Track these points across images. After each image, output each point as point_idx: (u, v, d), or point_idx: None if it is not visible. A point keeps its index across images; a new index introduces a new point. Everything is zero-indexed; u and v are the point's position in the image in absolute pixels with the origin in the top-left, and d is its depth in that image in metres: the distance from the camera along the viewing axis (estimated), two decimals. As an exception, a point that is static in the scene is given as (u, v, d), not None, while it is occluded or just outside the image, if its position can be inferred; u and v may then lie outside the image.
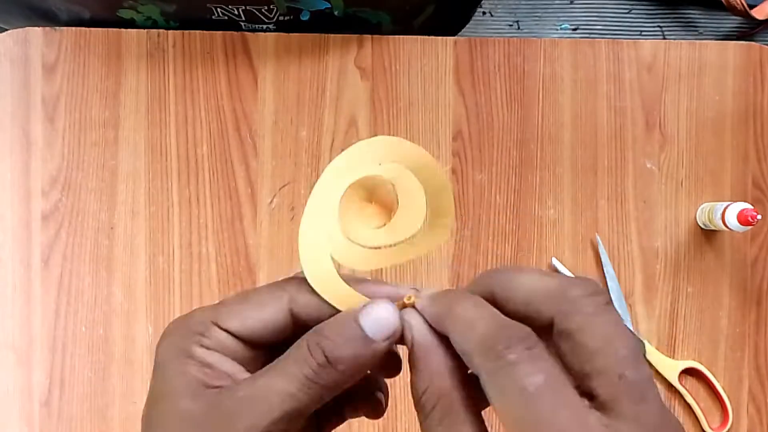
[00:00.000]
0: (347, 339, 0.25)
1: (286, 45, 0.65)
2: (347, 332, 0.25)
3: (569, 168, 0.65)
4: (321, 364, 0.25)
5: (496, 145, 0.65)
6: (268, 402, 0.25)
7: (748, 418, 0.64)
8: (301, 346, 0.26)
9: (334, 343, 0.25)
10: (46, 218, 0.63)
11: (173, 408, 0.26)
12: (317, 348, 0.25)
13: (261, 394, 0.25)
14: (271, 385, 0.25)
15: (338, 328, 0.26)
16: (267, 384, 0.25)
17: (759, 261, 0.65)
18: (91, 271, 0.63)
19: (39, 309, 0.63)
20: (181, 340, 0.28)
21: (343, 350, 0.25)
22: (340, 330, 0.26)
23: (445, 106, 0.65)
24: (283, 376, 0.25)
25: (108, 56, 0.64)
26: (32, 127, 0.64)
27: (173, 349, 0.27)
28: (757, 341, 0.64)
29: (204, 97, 0.64)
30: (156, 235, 0.63)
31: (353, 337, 0.25)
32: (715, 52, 0.66)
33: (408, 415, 0.63)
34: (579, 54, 0.65)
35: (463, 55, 0.65)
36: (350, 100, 0.64)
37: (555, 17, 0.81)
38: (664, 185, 0.65)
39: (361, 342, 0.25)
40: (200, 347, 0.27)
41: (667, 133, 0.65)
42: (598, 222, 0.64)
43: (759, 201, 0.65)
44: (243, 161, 0.64)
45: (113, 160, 0.64)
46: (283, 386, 0.25)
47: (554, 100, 0.65)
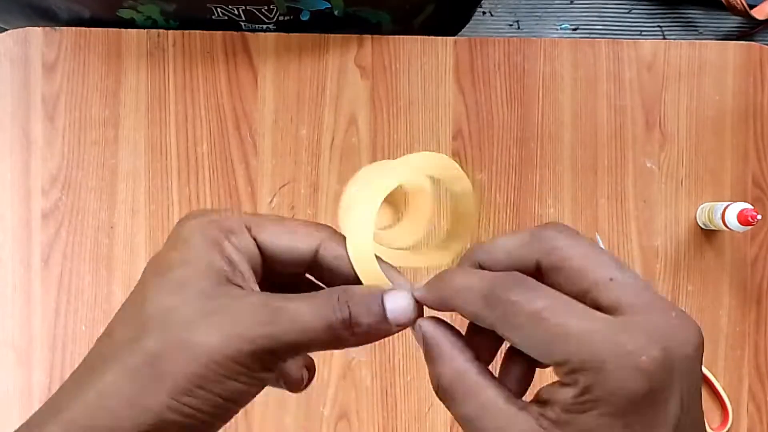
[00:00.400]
0: (370, 311, 0.27)
1: (286, 45, 0.65)
2: (373, 306, 0.27)
3: (569, 167, 0.65)
4: (343, 320, 0.27)
5: (496, 144, 0.65)
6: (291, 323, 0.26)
7: (748, 417, 0.64)
8: (331, 296, 0.27)
9: (359, 310, 0.27)
10: (46, 217, 0.63)
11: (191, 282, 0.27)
12: (345, 305, 0.27)
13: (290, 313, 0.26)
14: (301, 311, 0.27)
15: (366, 299, 0.27)
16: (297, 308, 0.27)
17: (759, 260, 0.65)
18: (91, 270, 0.63)
19: (39, 308, 0.63)
20: (210, 228, 0.28)
21: (364, 318, 0.27)
22: (367, 301, 0.27)
23: (445, 105, 0.65)
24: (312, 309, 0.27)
25: (108, 56, 0.64)
26: (32, 126, 0.64)
27: (201, 233, 0.28)
28: (757, 340, 0.64)
29: (204, 96, 0.64)
30: (156, 233, 0.63)
31: (376, 313, 0.27)
32: (715, 52, 0.66)
33: (407, 414, 0.63)
34: (579, 53, 0.65)
35: (463, 55, 0.65)
36: (350, 99, 0.65)
37: (555, 17, 0.81)
38: (664, 185, 0.65)
39: (380, 319, 0.27)
40: (229, 243, 0.28)
41: (667, 133, 0.65)
42: (598, 221, 0.64)
43: (759, 201, 0.65)
44: (243, 160, 0.64)
45: (113, 159, 0.64)
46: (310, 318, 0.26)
47: (554, 99, 0.65)
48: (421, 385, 0.63)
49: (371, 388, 0.63)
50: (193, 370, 0.25)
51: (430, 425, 0.63)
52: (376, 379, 0.63)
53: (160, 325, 0.26)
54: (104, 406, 0.25)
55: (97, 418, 0.25)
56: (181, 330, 0.26)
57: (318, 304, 0.27)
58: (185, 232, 0.28)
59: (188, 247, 0.28)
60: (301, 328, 0.26)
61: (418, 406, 0.63)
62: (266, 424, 0.62)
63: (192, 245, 0.28)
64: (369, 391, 0.63)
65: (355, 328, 0.27)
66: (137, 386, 0.25)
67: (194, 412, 0.25)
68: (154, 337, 0.26)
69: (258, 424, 0.62)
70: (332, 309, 0.27)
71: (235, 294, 0.27)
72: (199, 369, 0.25)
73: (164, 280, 0.27)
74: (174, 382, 0.25)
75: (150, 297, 0.27)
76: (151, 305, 0.27)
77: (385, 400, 0.63)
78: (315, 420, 0.62)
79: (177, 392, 0.25)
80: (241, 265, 0.28)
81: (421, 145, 0.64)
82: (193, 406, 0.25)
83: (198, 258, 0.27)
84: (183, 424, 0.25)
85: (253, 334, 0.26)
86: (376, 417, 0.63)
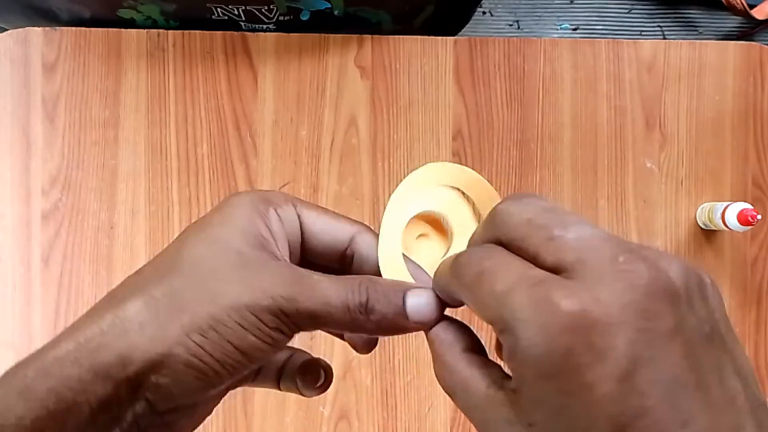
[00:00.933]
0: (389, 302, 0.28)
1: (286, 45, 0.65)
2: (393, 298, 0.28)
3: (569, 167, 0.65)
4: (360, 303, 0.27)
5: (496, 145, 0.65)
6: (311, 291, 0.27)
7: (748, 417, 0.64)
8: (355, 279, 0.28)
9: (378, 297, 0.28)
10: (46, 217, 0.63)
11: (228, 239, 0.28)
12: (365, 290, 0.28)
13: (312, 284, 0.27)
14: (323, 285, 0.28)
15: (388, 290, 0.28)
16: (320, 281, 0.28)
17: (759, 261, 0.65)
18: (91, 271, 0.63)
19: (39, 308, 0.63)
20: (257, 198, 0.30)
21: (381, 307, 0.28)
22: (388, 293, 0.28)
23: (444, 105, 0.65)
24: (333, 286, 0.28)
25: (108, 56, 0.64)
26: (32, 126, 0.64)
27: (248, 201, 0.29)
28: (757, 341, 0.64)
29: (204, 97, 0.64)
30: (156, 234, 0.63)
31: (395, 305, 0.28)
32: (715, 52, 0.66)
33: (408, 414, 0.63)
34: (579, 54, 0.65)
35: (463, 55, 0.65)
36: (350, 99, 0.65)
37: (555, 17, 0.81)
38: (664, 185, 0.65)
39: (397, 311, 0.28)
40: (274, 213, 0.29)
41: (667, 133, 0.65)
42: (598, 221, 0.64)
43: (759, 201, 0.65)
44: (243, 160, 0.64)
45: (113, 160, 0.64)
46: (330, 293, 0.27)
47: (554, 99, 0.65)
48: (421, 385, 0.63)
49: (371, 388, 0.63)
50: (209, 311, 0.26)
51: (430, 425, 0.63)
52: (376, 380, 0.63)
53: (189, 268, 0.27)
54: (118, 329, 0.26)
55: (110, 338, 0.25)
56: (207, 275, 0.27)
57: (340, 284, 0.28)
58: (232, 200, 0.30)
59: (232, 211, 0.29)
60: (320, 299, 0.27)
61: (418, 406, 0.63)
62: (266, 424, 0.62)
63: (236, 210, 0.29)
64: (369, 391, 0.63)
65: (371, 314, 0.28)
66: (153, 315, 0.26)
67: (202, 353, 0.26)
68: (180, 277, 0.27)
69: (258, 424, 0.62)
70: (351, 289, 0.28)
71: (266, 258, 0.28)
72: (216, 311, 0.26)
73: (202, 234, 0.28)
74: (189, 319, 0.26)
75: (185, 246, 0.28)
76: (184, 252, 0.28)
77: (385, 401, 0.63)
78: (315, 420, 0.62)
79: (190, 328, 0.26)
80: (280, 237, 0.29)
81: (421, 146, 0.64)
82: (203, 345, 0.26)
83: (239, 220, 0.29)
84: (190, 362, 0.26)
85: (273, 292, 0.27)
86: (376, 417, 0.63)
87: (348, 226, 0.31)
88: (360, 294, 0.28)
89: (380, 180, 0.64)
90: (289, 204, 0.30)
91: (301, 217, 0.30)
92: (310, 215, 0.31)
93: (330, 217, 0.31)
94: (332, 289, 0.27)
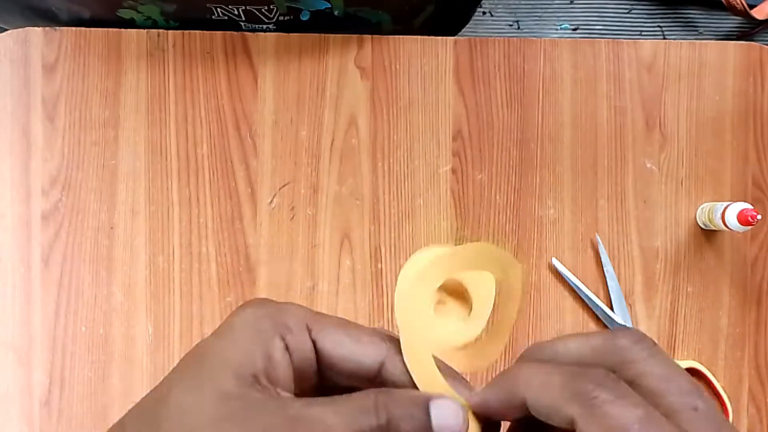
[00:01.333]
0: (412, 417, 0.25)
1: (286, 45, 0.65)
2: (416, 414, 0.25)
3: (569, 168, 0.65)
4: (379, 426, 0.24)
5: (496, 145, 0.65)
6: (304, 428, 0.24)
7: (748, 418, 0.64)
8: (368, 397, 0.25)
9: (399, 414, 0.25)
10: (46, 218, 0.63)
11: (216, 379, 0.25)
12: (384, 410, 0.25)
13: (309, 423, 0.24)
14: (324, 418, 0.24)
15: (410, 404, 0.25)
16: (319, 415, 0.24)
17: (759, 261, 0.65)
18: (91, 271, 0.63)
19: (39, 309, 0.63)
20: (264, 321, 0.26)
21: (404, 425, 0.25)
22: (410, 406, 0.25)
23: (445, 105, 0.65)
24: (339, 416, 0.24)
25: (108, 56, 0.64)
26: (32, 126, 0.64)
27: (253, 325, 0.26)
28: (757, 341, 0.64)
29: (204, 97, 0.64)
30: (156, 234, 0.63)
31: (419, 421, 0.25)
32: (715, 52, 0.66)
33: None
34: (579, 54, 0.65)
35: (463, 55, 0.65)
36: (350, 99, 0.65)
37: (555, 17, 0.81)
38: (664, 185, 0.65)
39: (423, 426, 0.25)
40: (280, 340, 0.26)
41: (667, 133, 0.65)
42: (598, 222, 0.64)
43: (759, 201, 0.65)
44: (243, 161, 0.64)
45: (113, 160, 0.64)
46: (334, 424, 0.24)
47: (554, 99, 0.65)
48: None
49: (371, 388, 0.63)
50: None
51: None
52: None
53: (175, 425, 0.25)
54: None
55: None
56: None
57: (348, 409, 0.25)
58: (236, 321, 0.27)
59: (231, 339, 0.26)
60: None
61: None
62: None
63: (236, 337, 0.26)
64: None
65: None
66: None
67: None
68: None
69: (258, 424, 0.62)
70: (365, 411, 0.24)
71: (255, 398, 0.25)
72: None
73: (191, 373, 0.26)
74: None
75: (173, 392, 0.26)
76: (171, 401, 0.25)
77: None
78: (315, 420, 0.62)
79: None
80: (281, 365, 0.26)
81: (421, 146, 0.64)
82: None
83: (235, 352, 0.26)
84: None
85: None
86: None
87: (374, 349, 0.27)
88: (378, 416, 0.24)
89: (380, 180, 0.64)
90: (301, 328, 0.27)
91: (318, 344, 0.27)
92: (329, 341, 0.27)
93: (351, 340, 0.27)
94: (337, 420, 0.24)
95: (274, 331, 0.26)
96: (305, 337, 0.27)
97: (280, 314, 0.27)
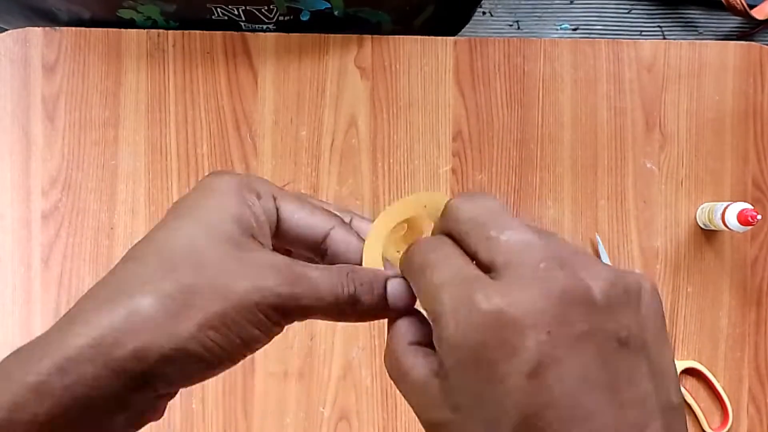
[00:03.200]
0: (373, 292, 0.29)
1: (286, 45, 0.65)
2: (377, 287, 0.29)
3: (569, 168, 0.65)
4: (349, 295, 0.29)
5: (496, 145, 0.65)
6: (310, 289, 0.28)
7: (748, 418, 0.64)
8: (341, 272, 0.29)
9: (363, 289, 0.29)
10: (46, 218, 0.63)
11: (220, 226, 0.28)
12: (352, 282, 0.29)
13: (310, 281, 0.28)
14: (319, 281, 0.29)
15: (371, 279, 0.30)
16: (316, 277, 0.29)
17: (759, 261, 0.65)
18: (90, 271, 0.63)
19: (39, 308, 0.63)
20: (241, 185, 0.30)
21: (367, 298, 0.29)
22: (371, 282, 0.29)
23: (445, 106, 0.65)
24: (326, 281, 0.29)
25: (108, 56, 0.64)
26: (32, 126, 0.64)
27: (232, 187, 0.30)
28: (757, 341, 0.64)
29: (204, 97, 0.64)
30: (156, 234, 0.63)
31: (378, 295, 0.29)
32: (715, 52, 0.66)
33: (408, 415, 0.63)
34: (579, 54, 0.65)
35: (463, 55, 0.65)
36: (350, 99, 0.65)
37: (555, 17, 0.81)
38: (664, 185, 0.65)
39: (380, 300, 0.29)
40: (257, 202, 0.30)
41: (667, 133, 0.65)
42: (598, 222, 0.64)
43: (759, 201, 0.65)
44: (243, 161, 0.64)
45: (113, 160, 0.64)
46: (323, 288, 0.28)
47: (554, 100, 0.65)
48: (421, 386, 0.63)
49: (371, 388, 0.63)
50: (223, 310, 0.27)
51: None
52: (376, 380, 0.63)
53: (194, 262, 0.28)
54: (132, 325, 0.26)
55: (125, 335, 0.26)
56: (216, 271, 0.27)
57: (331, 278, 0.29)
58: (215, 183, 0.30)
59: (218, 196, 0.30)
60: (316, 295, 0.28)
61: (418, 406, 0.63)
62: (266, 424, 0.62)
63: (222, 195, 0.29)
64: (369, 391, 0.63)
65: (358, 305, 0.29)
66: (165, 311, 0.26)
67: (214, 347, 0.27)
68: (188, 272, 0.27)
69: (258, 424, 0.62)
70: (340, 281, 0.29)
71: (260, 249, 0.29)
72: (229, 309, 0.27)
73: (192, 219, 0.29)
74: (204, 316, 0.27)
75: (181, 234, 0.29)
76: (180, 240, 0.28)
77: (385, 401, 0.63)
78: (315, 420, 0.62)
79: (205, 326, 0.27)
80: (264, 226, 0.30)
81: (421, 146, 0.64)
82: (216, 341, 0.27)
83: (228, 206, 0.29)
84: (201, 356, 0.27)
85: (279, 290, 0.28)
86: (376, 418, 0.63)
87: (324, 221, 0.32)
88: (348, 286, 0.29)
89: (380, 180, 0.64)
90: (269, 195, 0.31)
91: (280, 209, 0.31)
92: (289, 208, 0.31)
93: (307, 210, 0.32)
94: (324, 284, 0.29)
95: (252, 194, 0.30)
96: (272, 203, 0.31)
97: (253, 182, 0.31)
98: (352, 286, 0.29)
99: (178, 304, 0.27)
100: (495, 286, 0.24)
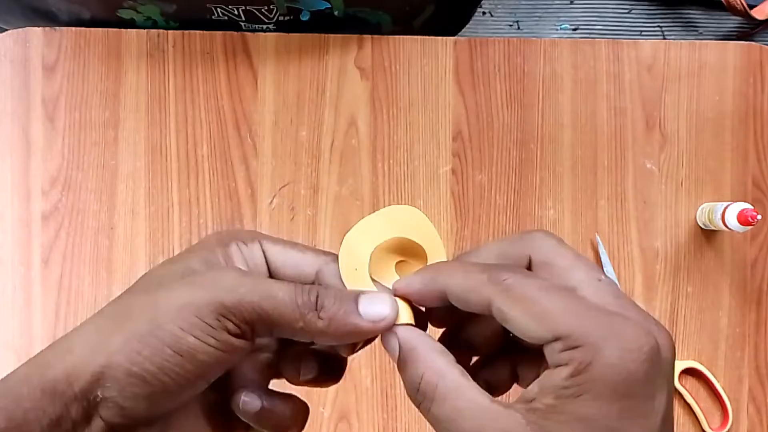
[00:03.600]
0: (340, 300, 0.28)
1: (286, 45, 0.65)
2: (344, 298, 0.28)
3: (569, 168, 0.65)
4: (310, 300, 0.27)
5: (496, 146, 0.65)
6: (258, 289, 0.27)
7: (748, 418, 0.64)
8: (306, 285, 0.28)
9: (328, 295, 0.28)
10: (46, 218, 0.63)
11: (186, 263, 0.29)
12: (315, 291, 0.28)
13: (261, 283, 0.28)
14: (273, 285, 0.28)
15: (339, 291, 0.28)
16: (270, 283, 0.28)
17: (759, 261, 0.65)
18: (91, 272, 0.63)
19: (39, 309, 0.63)
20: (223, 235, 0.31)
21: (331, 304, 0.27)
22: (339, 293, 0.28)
23: (445, 106, 0.65)
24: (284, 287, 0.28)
25: (108, 56, 0.64)
26: (32, 127, 0.64)
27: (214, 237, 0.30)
28: (757, 341, 0.64)
29: (204, 97, 0.64)
30: (156, 235, 0.63)
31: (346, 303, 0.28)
32: (715, 52, 0.66)
33: (408, 415, 0.63)
34: (579, 54, 0.65)
35: (463, 55, 0.65)
36: (350, 100, 0.64)
37: (555, 17, 0.81)
38: (664, 185, 0.65)
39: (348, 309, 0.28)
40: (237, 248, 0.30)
41: (667, 133, 0.65)
42: (598, 222, 0.64)
43: (759, 201, 0.65)
44: (243, 161, 0.64)
45: (113, 160, 0.64)
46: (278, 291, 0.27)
47: (554, 100, 0.65)
48: (421, 386, 0.63)
49: (371, 389, 0.63)
50: (149, 317, 0.26)
51: (430, 427, 0.63)
52: (376, 380, 0.63)
53: (143, 287, 0.28)
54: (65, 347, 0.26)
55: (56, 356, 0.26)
56: (153, 286, 0.28)
57: (290, 284, 0.28)
58: (202, 239, 0.31)
59: (197, 246, 0.30)
60: (264, 291, 0.27)
61: (418, 406, 0.63)
62: (266, 424, 0.62)
63: (201, 243, 0.30)
64: (369, 392, 0.63)
65: (321, 311, 0.27)
66: (98, 330, 0.27)
67: (140, 359, 0.25)
68: (129, 293, 0.28)
69: (258, 424, 0.62)
70: (301, 289, 0.28)
71: (218, 267, 0.29)
72: (154, 315, 0.26)
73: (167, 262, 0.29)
74: (130, 328, 0.26)
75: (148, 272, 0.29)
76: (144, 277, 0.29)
77: (385, 402, 0.63)
78: (315, 420, 0.62)
79: (131, 336, 0.26)
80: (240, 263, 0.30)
81: (421, 146, 0.64)
82: (141, 351, 0.25)
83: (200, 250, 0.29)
84: (130, 371, 0.25)
85: (216, 292, 0.26)
86: (376, 418, 0.63)
87: (314, 259, 0.31)
88: (310, 293, 0.27)
89: (380, 181, 0.64)
90: (254, 241, 0.31)
91: (267, 253, 0.31)
92: (276, 251, 0.31)
93: (296, 251, 0.31)
94: (281, 289, 0.27)
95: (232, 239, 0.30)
96: (257, 246, 0.31)
97: (237, 232, 0.31)
98: (314, 293, 0.28)
99: (110, 321, 0.26)
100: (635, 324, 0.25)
